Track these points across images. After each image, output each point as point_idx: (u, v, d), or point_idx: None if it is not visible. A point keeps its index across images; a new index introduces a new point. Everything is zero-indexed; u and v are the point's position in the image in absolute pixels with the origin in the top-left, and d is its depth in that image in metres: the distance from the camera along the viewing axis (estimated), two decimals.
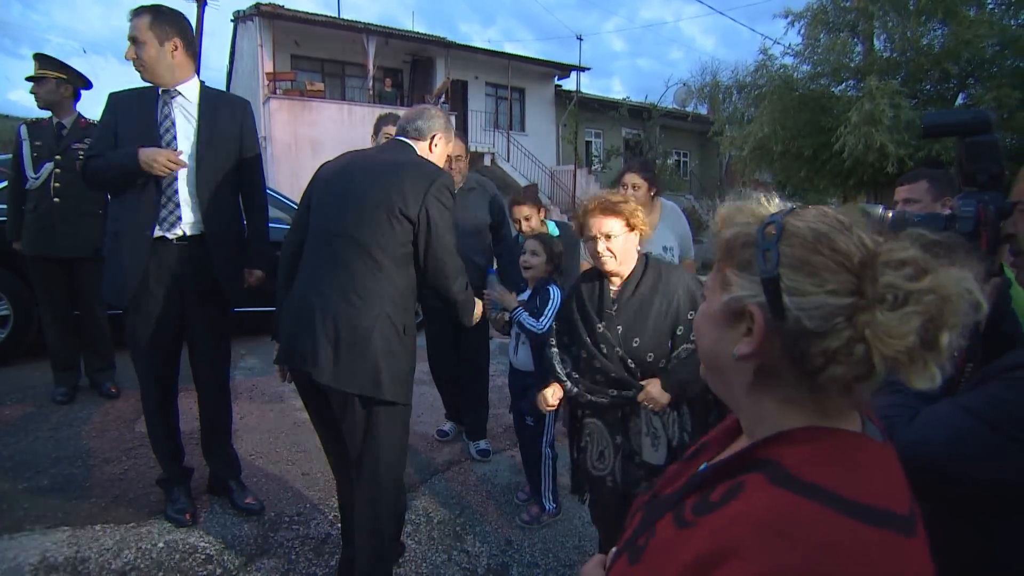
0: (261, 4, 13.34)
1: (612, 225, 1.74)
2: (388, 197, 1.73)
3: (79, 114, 3.43)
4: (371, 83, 14.52)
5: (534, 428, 2.54)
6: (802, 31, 7.74)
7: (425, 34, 15.82)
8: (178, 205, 2.19)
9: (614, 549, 0.70)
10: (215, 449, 2.49)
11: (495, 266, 3.30)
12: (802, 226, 0.53)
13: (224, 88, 20.33)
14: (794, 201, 1.97)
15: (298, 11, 13.91)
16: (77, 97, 3.48)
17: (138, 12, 2.12)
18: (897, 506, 0.49)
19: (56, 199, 3.28)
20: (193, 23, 12.05)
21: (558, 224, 3.06)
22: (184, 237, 2.21)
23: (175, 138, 2.19)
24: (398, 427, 1.83)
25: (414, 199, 1.73)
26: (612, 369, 1.76)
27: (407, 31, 15.79)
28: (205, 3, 11.94)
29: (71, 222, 3.31)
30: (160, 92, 2.20)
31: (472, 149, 3.56)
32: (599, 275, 1.84)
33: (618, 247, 1.75)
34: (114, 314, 3.17)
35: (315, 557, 2.23)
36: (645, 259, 1.84)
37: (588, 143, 19.33)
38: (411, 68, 16.72)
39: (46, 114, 3.40)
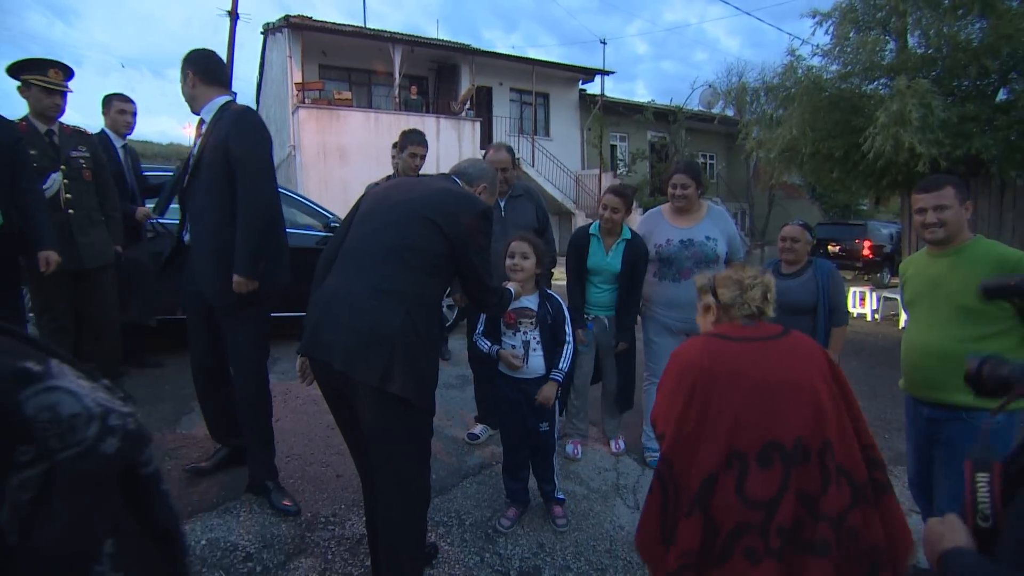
0: (290, 16, 13.68)
1: None
2: (430, 211, 1.84)
3: (61, 122, 3.24)
4: (397, 91, 14.74)
5: (549, 431, 2.52)
6: (830, 30, 7.58)
7: (449, 41, 15.99)
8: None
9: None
10: (253, 452, 2.59)
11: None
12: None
13: (254, 98, 20.88)
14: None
15: (326, 22, 14.22)
16: None
17: None
18: None
19: (70, 211, 3.20)
20: (226, 37, 12.39)
21: (632, 234, 3.11)
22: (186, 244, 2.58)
23: (191, 156, 2.51)
24: (418, 432, 1.83)
25: (455, 221, 1.84)
26: None
27: (432, 39, 15.98)
28: (237, 17, 12.31)
29: (87, 232, 3.26)
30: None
31: None
32: None
33: None
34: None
35: (351, 557, 2.28)
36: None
37: (613, 147, 19.25)
38: (436, 75, 16.92)
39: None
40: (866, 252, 12.86)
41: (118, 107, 3.98)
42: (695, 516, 1.25)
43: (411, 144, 3.65)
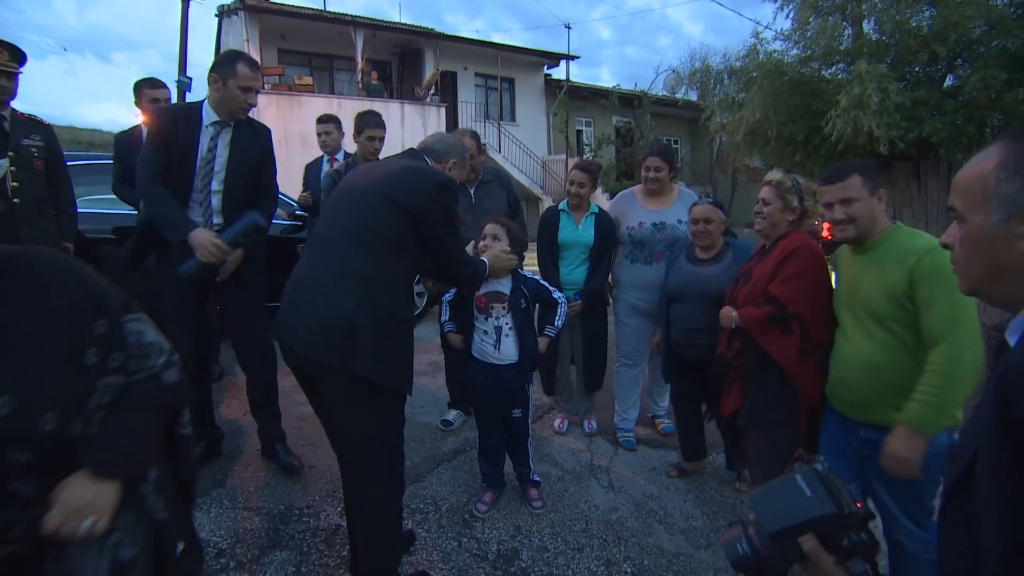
0: None
1: None
2: (389, 188, 1.83)
3: (13, 108, 3.05)
4: (360, 76, 14.41)
5: (522, 417, 2.54)
6: (790, 15, 7.74)
7: (412, 25, 15.68)
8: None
9: None
10: (266, 414, 2.86)
11: None
12: None
13: None
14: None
15: (284, 4, 13.75)
16: None
17: None
18: None
19: (15, 199, 2.99)
20: (177, 19, 11.87)
21: (599, 209, 3.17)
22: None
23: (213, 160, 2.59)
24: (386, 416, 1.82)
25: (412, 194, 1.82)
26: None
27: (394, 23, 15.64)
28: None
29: (33, 224, 3.06)
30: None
31: None
32: None
33: None
34: None
35: (327, 548, 2.26)
36: None
37: (579, 132, 19.27)
38: (399, 60, 16.59)
39: None
40: (825, 233, 13.26)
41: (149, 95, 3.52)
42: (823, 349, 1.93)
43: (367, 127, 3.50)
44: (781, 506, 0.74)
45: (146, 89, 3.51)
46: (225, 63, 2.51)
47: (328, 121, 4.36)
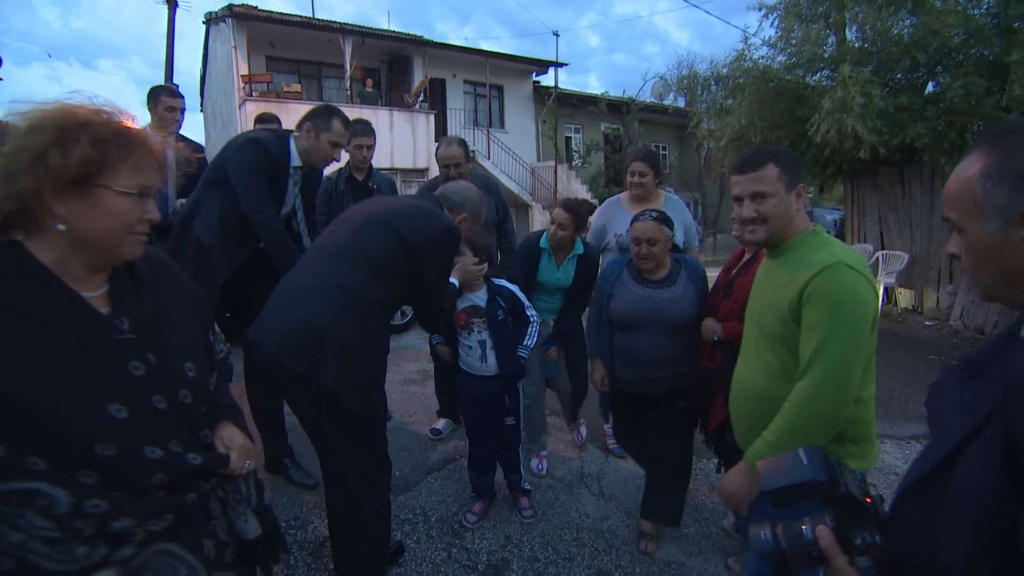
0: (234, 5, 13.12)
1: None
2: (393, 219, 1.85)
3: None
4: (348, 83, 14.39)
5: (515, 424, 2.51)
6: (775, 23, 7.84)
7: (401, 33, 15.69)
8: None
9: None
10: (268, 429, 2.77)
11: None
12: None
13: (198, 92, 19.99)
14: None
15: (272, 12, 13.71)
16: None
17: None
18: None
19: None
20: (164, 26, 11.78)
21: (585, 248, 2.89)
22: None
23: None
24: (357, 432, 1.80)
25: (417, 232, 1.84)
26: None
27: (383, 30, 15.65)
28: (176, 5, 11.74)
29: None
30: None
31: None
32: None
33: None
34: None
35: (314, 561, 2.23)
36: None
37: (568, 139, 19.34)
38: (388, 67, 16.59)
39: None
40: None
41: (167, 103, 3.44)
42: None
43: (355, 136, 3.41)
44: (779, 471, 0.81)
45: (164, 97, 3.42)
46: (322, 116, 2.50)
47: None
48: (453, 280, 2.26)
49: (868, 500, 0.77)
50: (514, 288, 2.51)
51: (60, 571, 0.87)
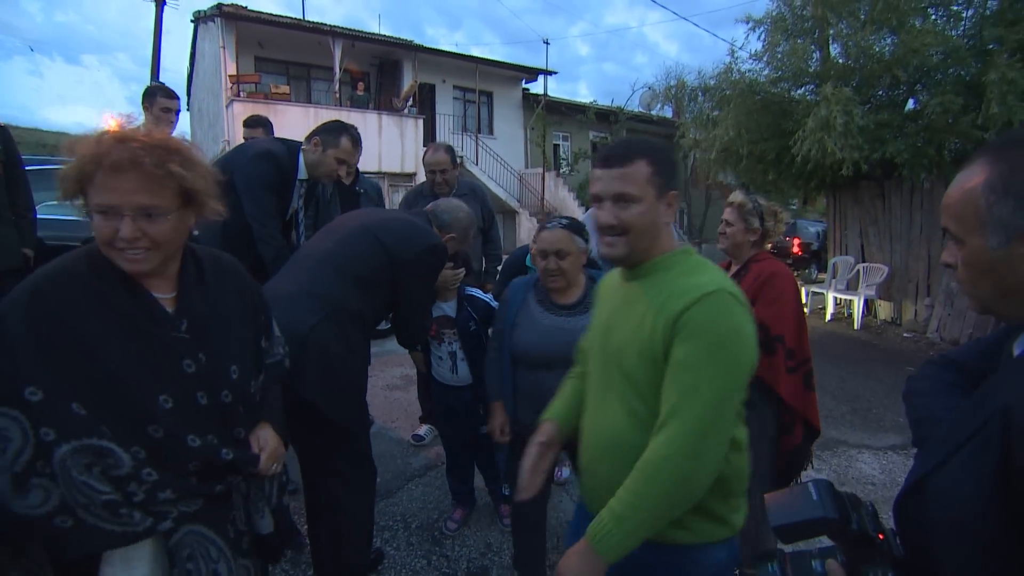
0: (223, 4, 13.04)
1: None
2: (380, 231, 1.86)
3: None
4: (337, 86, 14.34)
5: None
6: (762, 36, 7.97)
7: (392, 37, 15.69)
8: None
9: None
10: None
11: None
12: None
13: (185, 91, 19.78)
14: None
15: (261, 12, 13.64)
16: None
17: None
18: None
19: None
20: (151, 23, 11.67)
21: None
22: None
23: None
24: (334, 443, 1.78)
25: (403, 246, 1.85)
26: None
27: (373, 34, 15.64)
28: (164, 3, 11.63)
29: None
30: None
31: None
32: None
33: None
34: None
35: (292, 568, 2.20)
36: None
37: (556, 146, 19.45)
38: (378, 71, 16.57)
39: None
40: (796, 249, 13.61)
41: (162, 104, 3.42)
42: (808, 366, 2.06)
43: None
44: (788, 506, 0.77)
45: (160, 97, 3.40)
46: (331, 132, 2.49)
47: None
48: None
49: (880, 536, 0.75)
50: (487, 297, 2.45)
51: (112, 531, 0.98)
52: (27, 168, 3.16)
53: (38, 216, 3.21)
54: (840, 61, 7.39)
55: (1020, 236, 0.66)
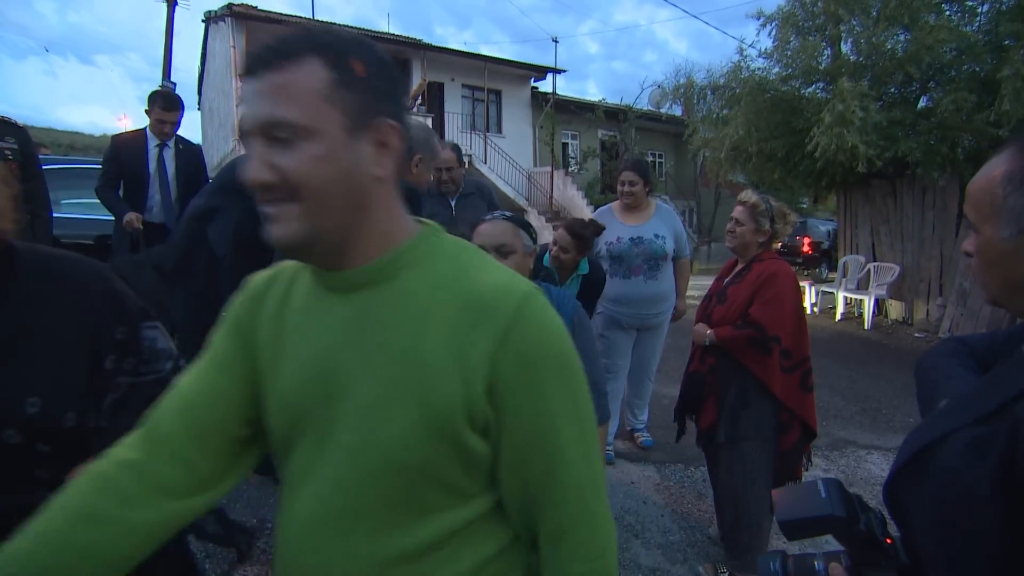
0: (233, 4, 13.15)
1: None
2: None
3: None
4: None
5: None
6: (772, 33, 7.91)
7: (401, 36, 15.75)
8: None
9: None
10: None
11: None
12: None
13: (196, 90, 19.95)
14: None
15: (271, 12, 13.74)
16: None
17: None
18: None
19: None
20: (162, 23, 11.77)
21: (590, 269, 2.70)
22: None
23: None
24: None
25: None
26: None
27: (383, 33, 15.72)
28: (175, 3, 11.74)
29: None
30: None
31: None
32: None
33: None
34: None
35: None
36: None
37: (565, 145, 19.43)
38: None
39: None
40: (806, 248, 13.49)
41: (157, 115, 3.53)
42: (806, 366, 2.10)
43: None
44: (796, 502, 0.76)
45: (157, 108, 3.52)
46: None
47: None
48: None
49: (888, 541, 0.73)
50: None
51: None
52: (45, 167, 3.22)
53: (54, 215, 3.26)
54: (851, 58, 7.32)
55: None
